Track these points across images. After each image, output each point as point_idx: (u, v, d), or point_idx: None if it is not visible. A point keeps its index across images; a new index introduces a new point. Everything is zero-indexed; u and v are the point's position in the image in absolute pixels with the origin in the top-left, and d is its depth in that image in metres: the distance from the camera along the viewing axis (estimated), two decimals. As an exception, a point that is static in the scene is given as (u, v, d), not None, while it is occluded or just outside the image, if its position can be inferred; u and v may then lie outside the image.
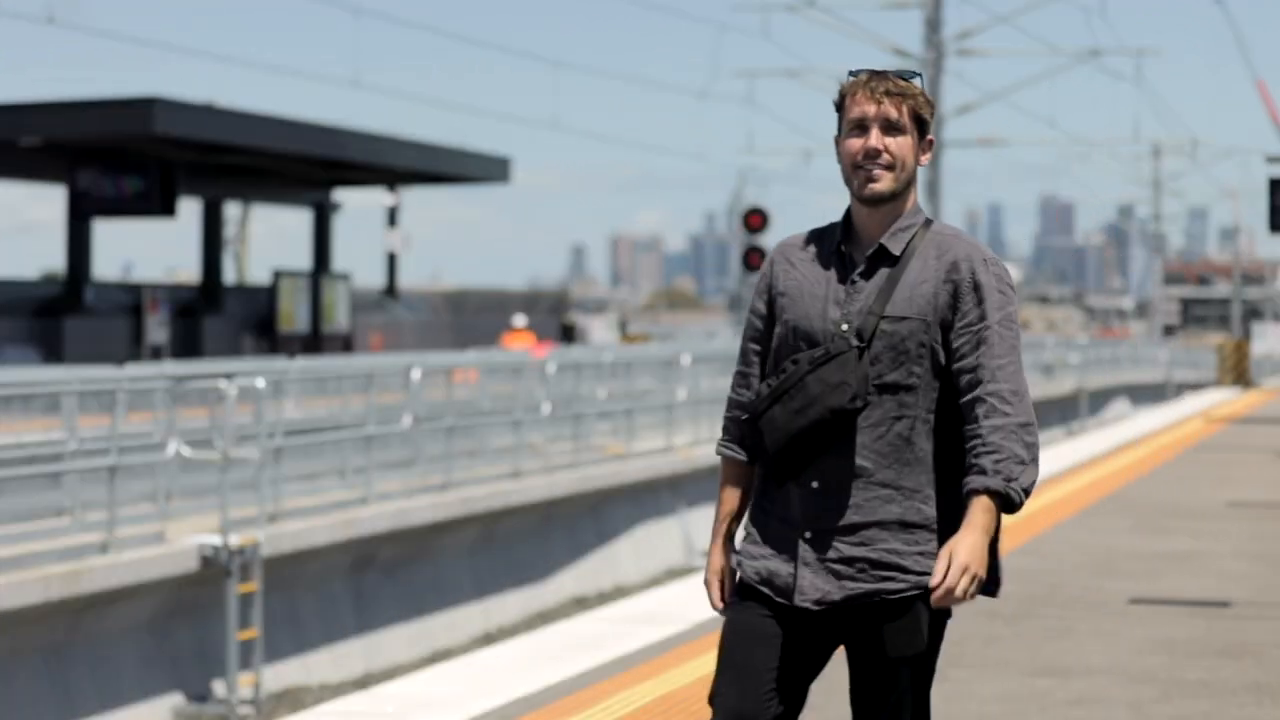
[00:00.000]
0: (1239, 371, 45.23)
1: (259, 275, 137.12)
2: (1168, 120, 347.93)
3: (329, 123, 39.60)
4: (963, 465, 3.66)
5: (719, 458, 3.91)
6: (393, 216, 47.08)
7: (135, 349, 36.18)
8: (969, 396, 3.64)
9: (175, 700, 13.69)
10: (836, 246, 3.76)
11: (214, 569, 13.63)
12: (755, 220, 29.43)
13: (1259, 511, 14.08)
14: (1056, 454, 20.41)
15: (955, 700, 6.89)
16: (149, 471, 14.32)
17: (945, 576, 3.58)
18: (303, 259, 44.75)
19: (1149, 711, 6.74)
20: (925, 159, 3.77)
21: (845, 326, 3.68)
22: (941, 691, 7.04)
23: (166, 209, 36.10)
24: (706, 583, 3.84)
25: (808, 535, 3.68)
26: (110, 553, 12.88)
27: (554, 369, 21.08)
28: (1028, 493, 3.66)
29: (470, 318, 51.41)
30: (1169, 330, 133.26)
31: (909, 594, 3.65)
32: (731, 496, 3.85)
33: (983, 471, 3.60)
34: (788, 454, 3.67)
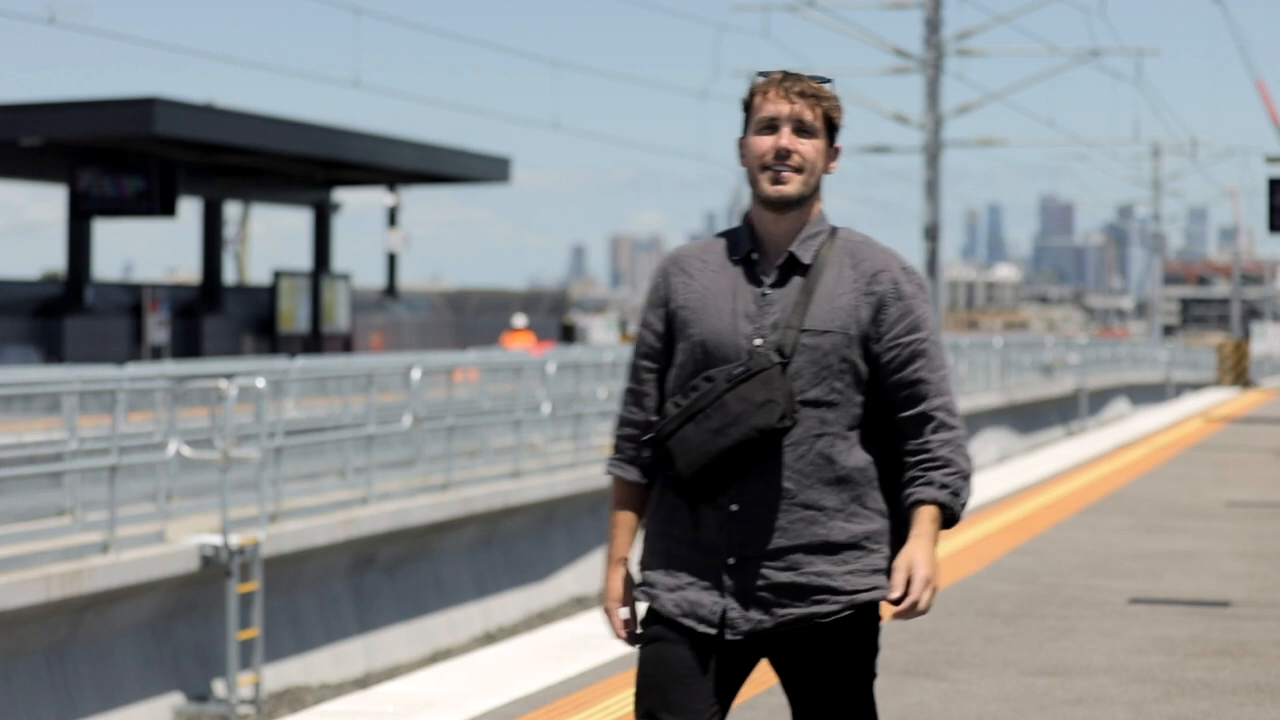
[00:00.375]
0: (1238, 371, 45.23)
1: (259, 275, 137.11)
2: (1168, 120, 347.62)
3: (329, 123, 39.62)
4: (887, 481, 3.56)
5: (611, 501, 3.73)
6: (393, 216, 47.08)
7: (135, 349, 36.19)
8: (912, 411, 3.53)
9: (176, 700, 13.70)
10: (745, 255, 3.60)
11: (214, 569, 13.63)
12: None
13: (1259, 511, 14.08)
14: (1056, 454, 20.42)
15: (955, 700, 6.89)
16: (149, 471, 14.33)
17: (907, 591, 3.47)
18: (303, 259, 44.85)
19: (1149, 711, 6.75)
20: (834, 167, 3.64)
21: (759, 341, 3.52)
22: (941, 691, 7.06)
23: (167, 209, 36.10)
24: (606, 611, 3.66)
25: (731, 562, 3.52)
26: (111, 552, 12.89)
27: (554, 369, 21.09)
28: (964, 504, 3.56)
29: (470, 317, 51.44)
30: (1169, 330, 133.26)
31: (842, 614, 3.53)
32: (626, 519, 3.68)
33: (931, 484, 3.50)
34: (705, 476, 3.49)
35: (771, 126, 3.57)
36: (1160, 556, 11.21)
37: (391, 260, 48.18)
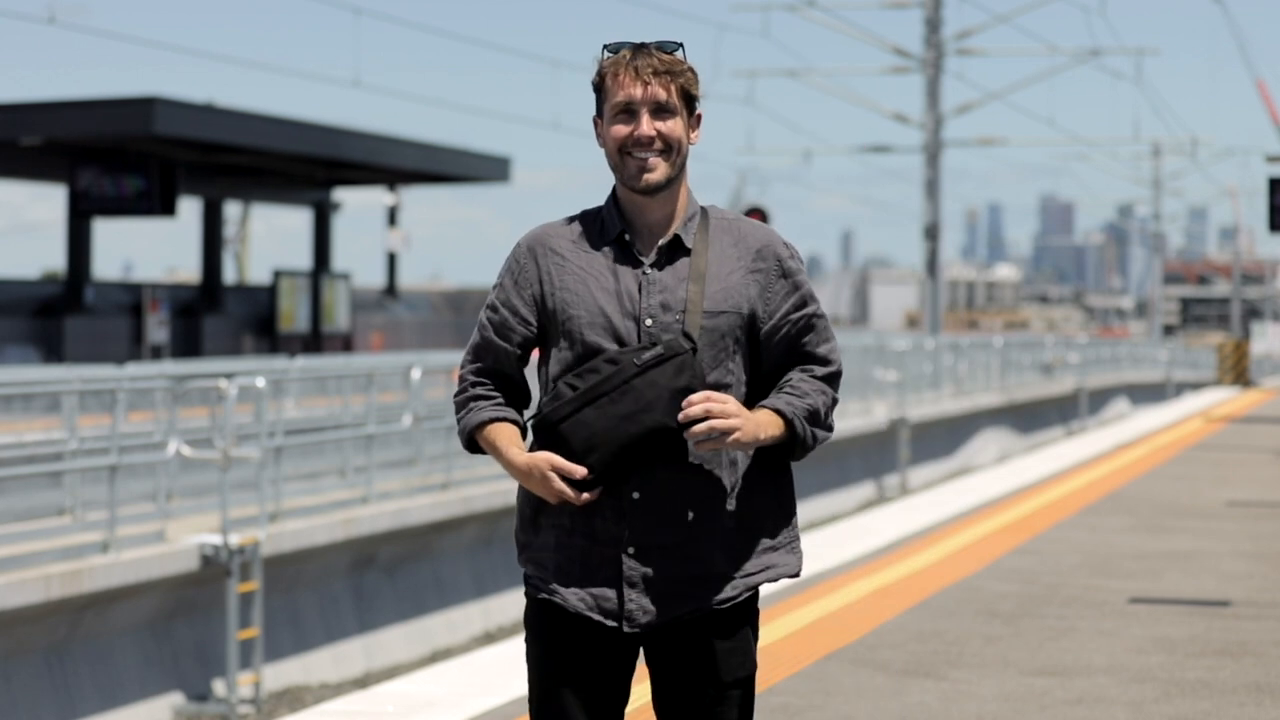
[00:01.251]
0: (1238, 371, 45.23)
1: (259, 275, 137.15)
2: (1168, 120, 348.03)
3: (329, 123, 39.60)
4: (774, 463, 3.48)
5: (472, 425, 3.50)
6: (393, 216, 47.08)
7: (135, 349, 36.19)
8: (800, 372, 3.49)
9: (175, 699, 13.70)
10: (618, 236, 3.46)
11: (214, 568, 13.63)
12: (755, 219, 29.40)
13: (1259, 511, 14.08)
14: (1056, 453, 20.42)
15: (955, 700, 6.89)
16: (149, 471, 14.34)
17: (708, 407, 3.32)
18: (303, 259, 44.87)
19: (1149, 711, 6.75)
20: (696, 136, 3.50)
21: (649, 322, 3.40)
22: (941, 691, 7.06)
23: (166, 209, 36.09)
24: (545, 478, 3.36)
25: (631, 551, 3.39)
26: (111, 552, 12.89)
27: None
28: (814, 441, 3.46)
29: (470, 317, 51.43)
30: (1169, 330, 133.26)
31: (739, 599, 3.42)
32: (513, 432, 3.48)
33: (778, 398, 3.44)
34: (612, 465, 3.34)
35: (629, 111, 3.43)
36: (1160, 556, 11.21)
37: (391, 260, 48.19)
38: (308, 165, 40.69)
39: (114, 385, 13.92)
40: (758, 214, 29.65)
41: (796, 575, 3.53)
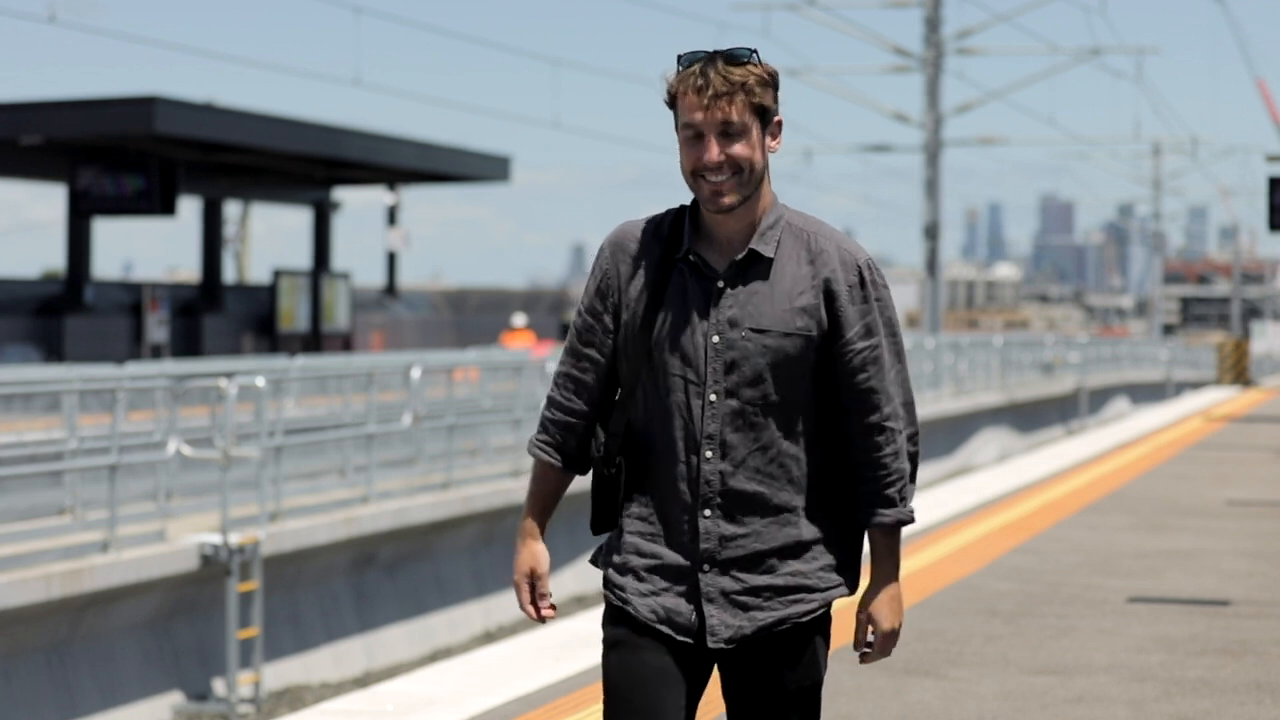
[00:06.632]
0: (1239, 370, 45.22)
1: (259, 274, 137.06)
2: (1168, 119, 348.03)
3: (329, 122, 39.60)
4: (839, 479, 3.48)
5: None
6: (393, 215, 47.08)
7: (135, 348, 36.19)
8: (863, 421, 3.42)
9: (176, 698, 13.70)
10: (686, 252, 3.41)
11: (214, 567, 13.63)
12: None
13: (1259, 510, 14.08)
14: (1057, 452, 20.41)
15: (955, 699, 6.89)
16: (149, 470, 14.33)
17: (873, 646, 3.47)
18: (303, 258, 44.89)
19: (1149, 710, 6.75)
20: (776, 145, 3.42)
21: (717, 339, 3.38)
22: (942, 690, 7.05)
23: (167, 208, 36.10)
24: (516, 585, 3.52)
25: (706, 569, 3.41)
26: (111, 551, 12.89)
27: (554, 368, 21.09)
28: (910, 510, 3.49)
29: (470, 316, 51.46)
30: (1169, 329, 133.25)
31: (818, 613, 3.44)
32: (544, 496, 3.55)
33: (889, 503, 3.44)
34: None
35: (697, 135, 3.35)
36: (1160, 555, 11.21)
37: (391, 259, 48.19)
38: (307, 164, 40.68)
39: (114, 385, 13.92)
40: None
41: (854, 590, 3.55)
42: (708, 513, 3.40)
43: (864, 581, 3.51)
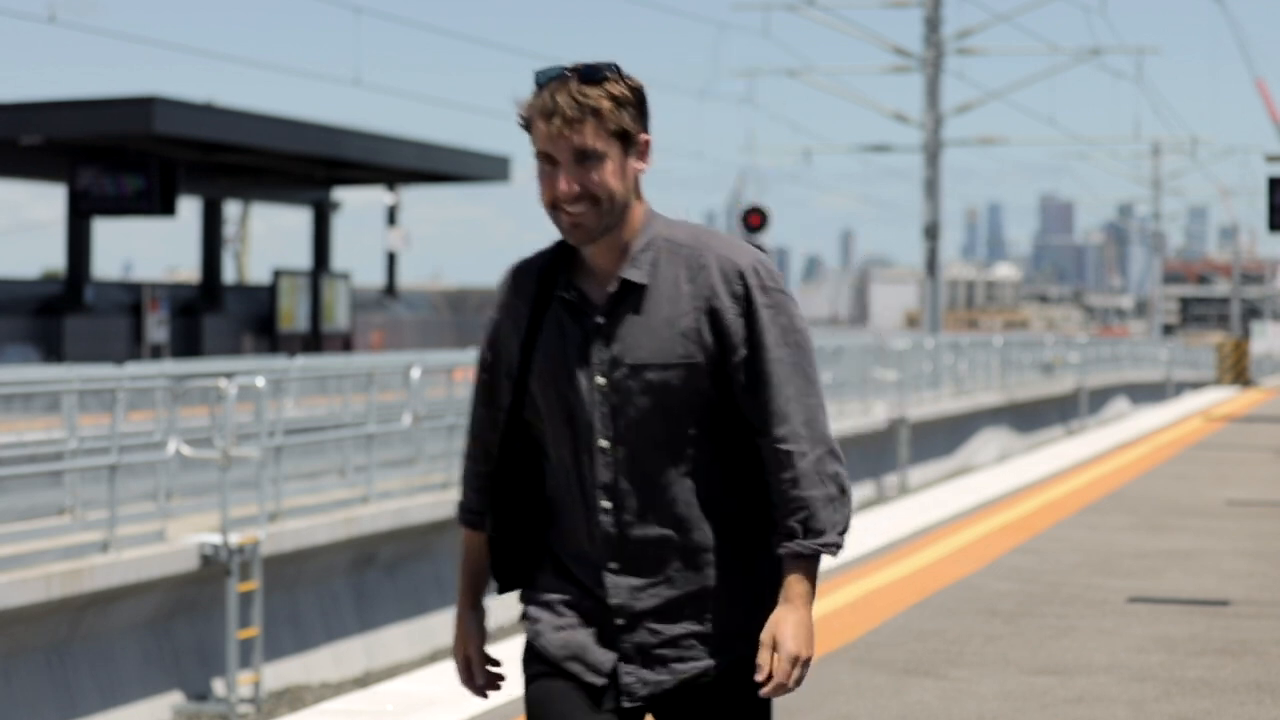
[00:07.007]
0: (1238, 370, 45.23)
1: (259, 274, 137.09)
2: (1168, 119, 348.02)
3: (329, 122, 39.62)
4: (758, 513, 3.14)
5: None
6: (393, 215, 47.08)
7: (135, 348, 36.19)
8: (763, 446, 3.08)
9: (175, 698, 13.70)
10: (564, 286, 3.10)
11: (214, 567, 13.63)
12: (755, 220, 29.42)
13: (1259, 510, 14.08)
14: (1056, 452, 20.41)
15: (955, 699, 6.89)
16: (149, 470, 14.34)
17: (772, 669, 3.06)
18: (302, 258, 44.88)
19: (1149, 710, 6.75)
20: (643, 166, 3.07)
21: (601, 380, 3.06)
22: (942, 690, 7.05)
23: (166, 208, 36.10)
24: (455, 656, 3.35)
25: (620, 623, 3.12)
26: (111, 551, 12.89)
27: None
28: (844, 532, 3.10)
29: (470, 316, 51.42)
30: (1169, 329, 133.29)
31: (747, 658, 3.12)
32: (477, 565, 3.35)
33: (791, 534, 3.07)
34: None
35: (551, 163, 3.02)
36: (1160, 555, 11.21)
37: (391, 259, 48.19)
38: (307, 164, 40.69)
39: (114, 385, 13.93)
40: (757, 214, 29.66)
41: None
42: (613, 566, 3.11)
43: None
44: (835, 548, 3.08)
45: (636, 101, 3.03)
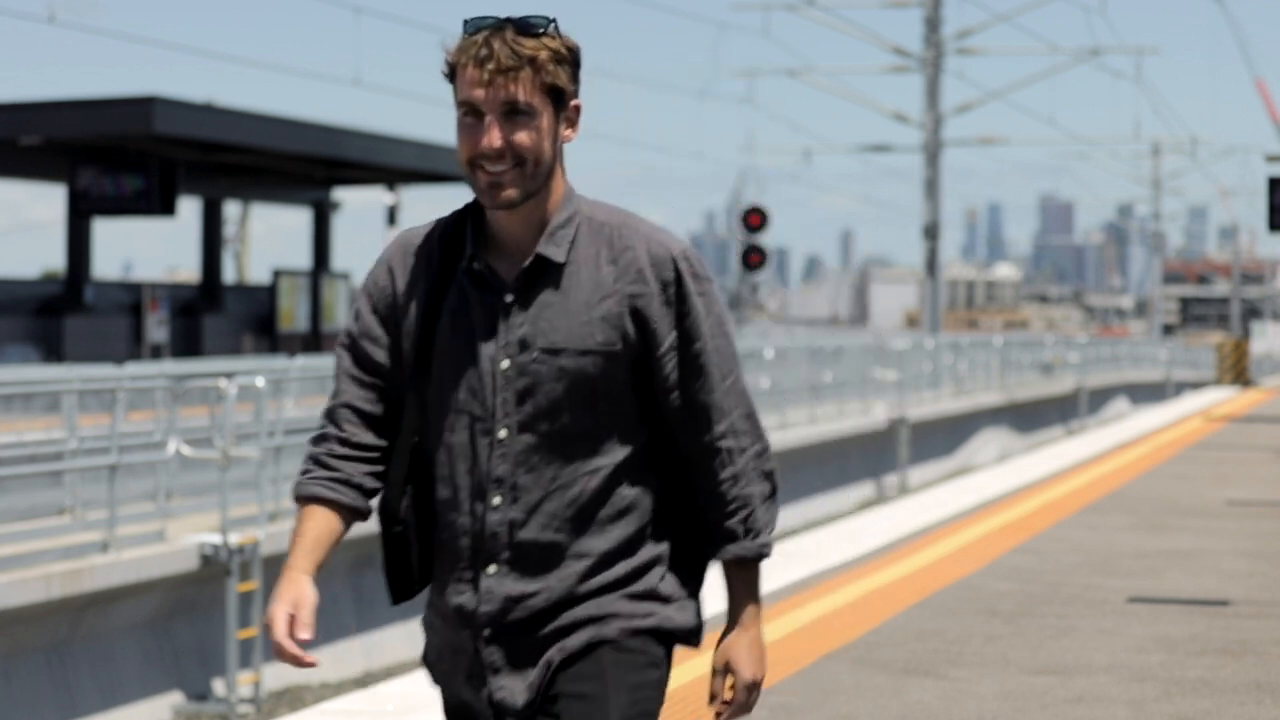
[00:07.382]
0: (1238, 370, 45.24)
1: (259, 274, 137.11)
2: (1168, 119, 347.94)
3: (329, 121, 39.62)
4: (671, 506, 2.94)
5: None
6: (393, 216, 47.09)
7: (135, 348, 36.19)
8: (694, 443, 2.90)
9: (175, 698, 13.70)
10: (469, 260, 2.86)
11: (214, 567, 13.63)
12: (755, 219, 29.42)
13: (1259, 510, 14.08)
14: (1056, 452, 20.42)
15: (955, 699, 6.89)
16: (149, 470, 14.34)
17: (731, 699, 2.95)
18: (302, 258, 44.86)
19: (1149, 710, 6.75)
20: (571, 134, 2.88)
21: (506, 364, 2.83)
22: (941, 690, 7.05)
23: (166, 208, 36.10)
24: (270, 618, 2.99)
25: (487, 633, 2.88)
26: (111, 551, 12.89)
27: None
28: (772, 534, 2.95)
29: (470, 317, 51.42)
30: (1169, 329, 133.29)
31: (622, 636, 2.90)
32: (316, 533, 3.03)
33: (732, 536, 2.91)
34: None
35: (477, 115, 2.81)
36: (1160, 555, 11.21)
37: (391, 259, 48.17)
38: (307, 165, 40.68)
39: (114, 385, 13.93)
40: (757, 214, 29.67)
41: (681, 629, 2.97)
42: (492, 569, 2.85)
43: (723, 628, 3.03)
44: (769, 549, 2.94)
45: (573, 61, 2.85)
